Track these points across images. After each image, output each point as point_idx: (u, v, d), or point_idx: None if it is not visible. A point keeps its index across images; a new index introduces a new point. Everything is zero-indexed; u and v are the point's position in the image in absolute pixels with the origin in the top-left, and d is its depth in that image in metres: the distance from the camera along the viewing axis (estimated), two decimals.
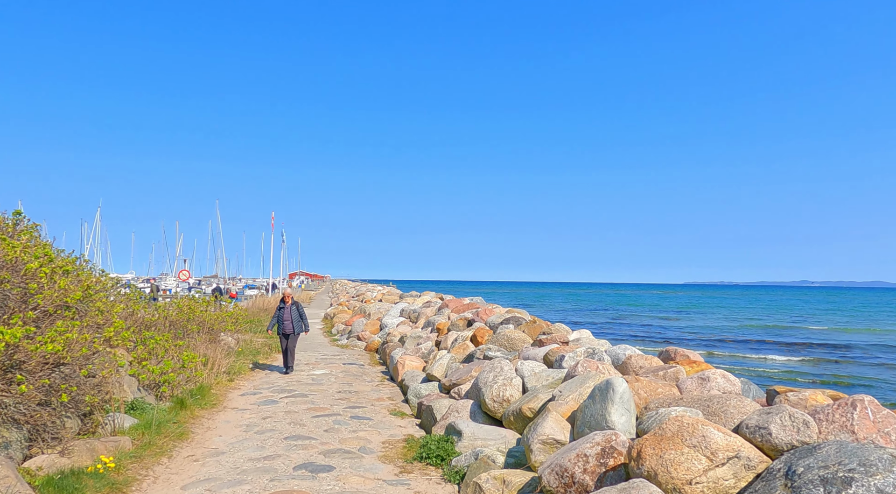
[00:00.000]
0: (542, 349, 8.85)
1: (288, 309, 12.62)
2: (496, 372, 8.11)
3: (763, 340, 34.74)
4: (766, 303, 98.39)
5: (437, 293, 22.50)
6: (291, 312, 12.58)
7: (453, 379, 9.13)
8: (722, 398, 4.77)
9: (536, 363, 8.22)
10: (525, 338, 10.62)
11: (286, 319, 12.51)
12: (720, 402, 4.71)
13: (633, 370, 7.23)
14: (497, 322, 12.31)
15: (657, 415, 4.67)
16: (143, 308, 11.19)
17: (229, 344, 14.62)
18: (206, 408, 8.99)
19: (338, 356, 15.30)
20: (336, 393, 10.41)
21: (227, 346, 14.44)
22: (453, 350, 11.09)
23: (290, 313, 12.56)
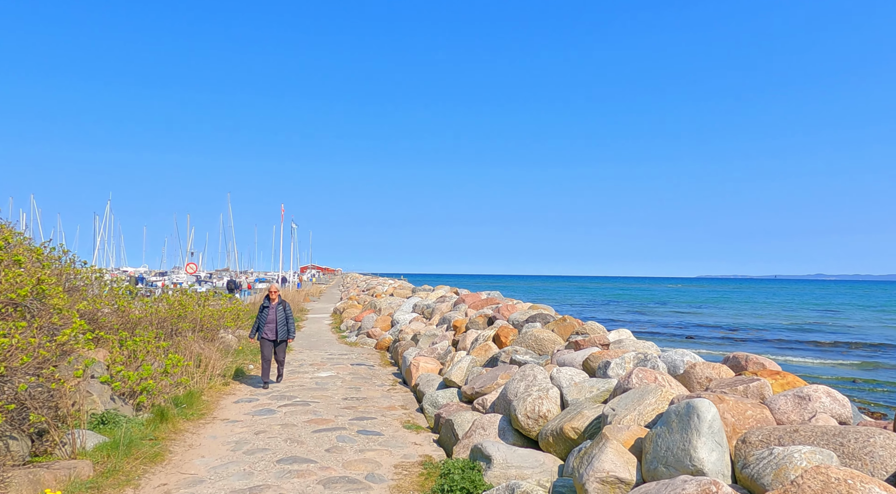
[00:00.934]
0: (580, 353, 7.59)
1: (273, 309, 10.18)
2: (528, 381, 6.87)
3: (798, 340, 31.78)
4: (785, 297, 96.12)
5: (452, 287, 21.27)
6: (277, 313, 10.18)
7: (476, 387, 7.90)
8: (859, 435, 3.48)
9: (575, 371, 6.97)
10: (555, 338, 9.36)
11: (270, 321, 10.10)
12: (859, 440, 3.43)
13: (697, 382, 5.95)
14: (521, 320, 11.05)
15: (772, 458, 3.40)
16: (129, 304, 10.06)
17: (229, 343, 13.50)
18: (193, 419, 7.83)
19: (345, 356, 14.13)
20: (342, 400, 9.22)
21: (226, 345, 13.32)
22: (474, 352, 9.86)
23: (275, 314, 10.16)
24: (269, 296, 10.30)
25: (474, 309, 14.06)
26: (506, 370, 7.88)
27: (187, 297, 11.78)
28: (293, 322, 10.40)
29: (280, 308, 10.23)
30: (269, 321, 10.10)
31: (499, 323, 11.06)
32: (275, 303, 10.26)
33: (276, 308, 10.20)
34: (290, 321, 10.32)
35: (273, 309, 10.20)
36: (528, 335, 9.54)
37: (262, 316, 10.13)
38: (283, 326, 10.22)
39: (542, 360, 8.07)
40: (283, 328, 10.23)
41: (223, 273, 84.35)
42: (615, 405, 5.41)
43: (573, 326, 9.89)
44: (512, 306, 12.62)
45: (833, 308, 64.80)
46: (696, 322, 41.95)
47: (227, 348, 13.10)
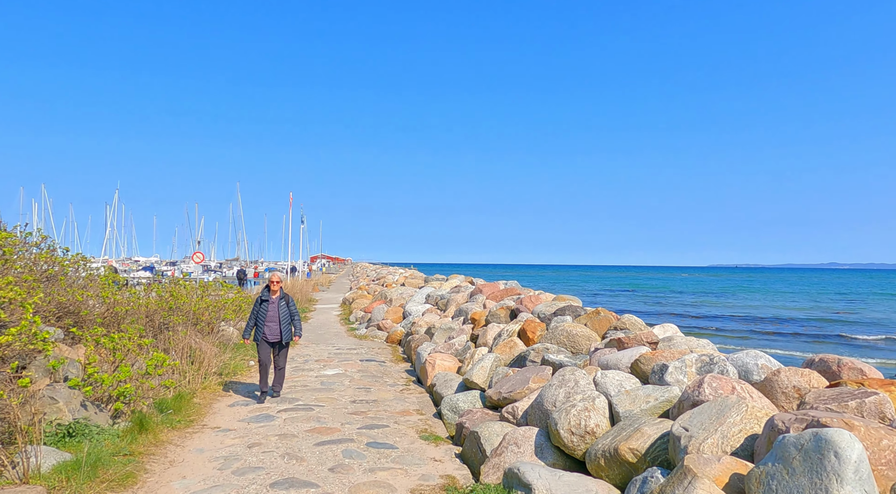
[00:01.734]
0: (626, 353, 6.49)
1: (275, 304, 8.37)
2: (569, 388, 5.79)
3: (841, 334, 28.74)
4: (803, 286, 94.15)
5: (467, 277, 20.20)
6: (280, 309, 8.36)
7: (503, 391, 6.84)
8: None
9: (624, 376, 5.88)
10: (590, 334, 8.27)
11: (271, 319, 8.30)
12: None
13: (783, 392, 4.84)
14: (548, 313, 9.96)
15: None
16: (115, 296, 9.07)
17: (229, 336, 12.53)
18: (179, 428, 6.83)
19: (354, 350, 13.13)
20: (350, 404, 8.20)
21: (226, 339, 12.36)
22: (497, 349, 8.79)
23: (277, 310, 8.36)
24: (270, 287, 8.44)
25: (493, 300, 12.99)
26: (538, 373, 6.81)
27: (180, 287, 10.78)
28: (299, 319, 8.61)
29: (283, 303, 8.43)
30: (269, 318, 8.31)
31: (523, 316, 9.98)
32: (276, 296, 8.43)
33: (279, 303, 8.40)
34: (295, 319, 8.54)
35: (274, 304, 8.38)
36: (558, 330, 8.45)
37: (261, 312, 8.34)
38: (287, 324, 8.40)
39: (578, 360, 6.99)
40: (288, 327, 8.40)
41: (233, 263, 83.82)
42: (687, 423, 4.33)
43: (609, 320, 8.79)
44: (535, 296, 11.53)
45: (855, 297, 63.02)
46: (717, 313, 40.01)
47: (226, 342, 12.14)
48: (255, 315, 8.36)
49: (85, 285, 9.26)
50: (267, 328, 8.33)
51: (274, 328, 8.35)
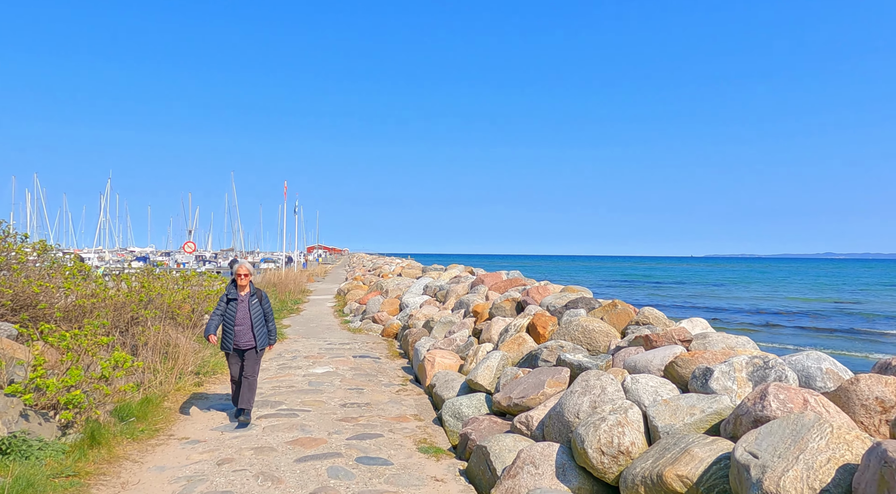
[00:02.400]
0: (656, 353, 5.60)
1: (245, 303, 6.70)
2: (594, 395, 4.91)
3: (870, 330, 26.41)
4: (805, 276, 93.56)
5: (467, 266, 19.30)
6: (251, 308, 6.71)
7: (514, 397, 5.96)
8: None
9: (658, 381, 5.00)
10: (609, 330, 7.38)
11: (240, 322, 6.63)
12: None
13: (862, 405, 3.96)
14: (559, 306, 9.06)
15: None
16: (77, 287, 8.13)
17: None
18: (141, 439, 5.94)
19: (347, 346, 12.23)
20: (339, 408, 7.31)
21: None
22: (504, 346, 7.90)
23: (248, 310, 6.68)
24: (237, 282, 6.73)
25: (497, 292, 12.10)
26: (553, 375, 5.92)
27: (154, 278, 9.83)
28: (274, 322, 6.98)
29: (255, 301, 6.77)
30: (239, 320, 6.61)
31: (532, 309, 9.08)
32: (245, 293, 6.75)
33: (250, 301, 6.72)
34: (269, 321, 6.88)
35: (244, 303, 6.69)
36: (572, 325, 7.56)
37: (227, 312, 6.65)
38: (262, 326, 6.76)
39: (599, 361, 6.10)
40: (262, 330, 6.75)
41: (229, 253, 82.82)
42: (754, 447, 3.45)
43: (628, 313, 7.90)
44: (543, 287, 10.64)
45: (862, 288, 62.34)
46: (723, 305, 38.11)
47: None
48: (217, 315, 6.70)
49: (45, 276, 8.33)
50: (237, 334, 6.60)
51: (245, 333, 6.63)
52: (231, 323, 6.64)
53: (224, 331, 6.66)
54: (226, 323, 6.66)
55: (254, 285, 6.90)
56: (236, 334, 6.64)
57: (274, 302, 20.94)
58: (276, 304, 20.36)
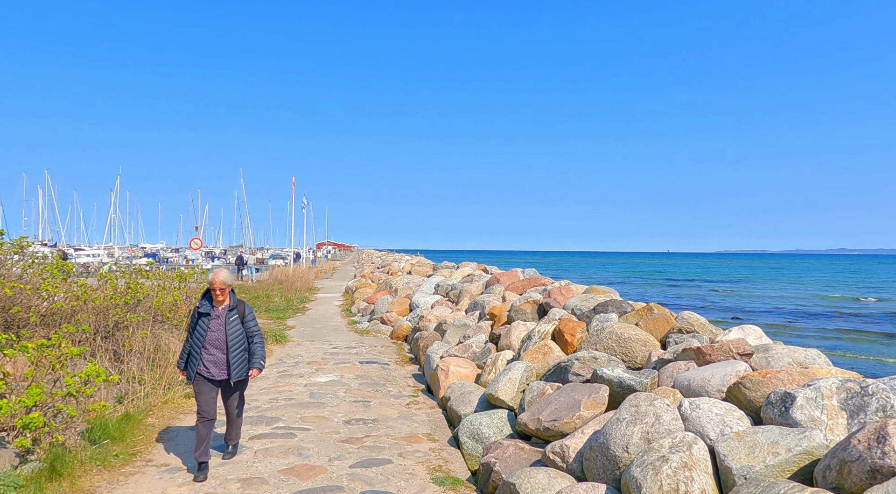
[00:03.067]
0: (713, 370, 4.73)
1: (221, 320, 5.15)
2: (647, 425, 4.06)
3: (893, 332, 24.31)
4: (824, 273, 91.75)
5: (480, 264, 18.45)
6: (229, 327, 5.13)
7: (544, 419, 5.12)
8: None
9: (724, 407, 4.15)
10: (647, 339, 6.52)
11: (214, 343, 5.13)
12: None
13: None
14: (586, 309, 8.21)
15: None
16: (55, 289, 7.38)
17: None
18: (114, 466, 5.16)
19: (353, 350, 11.44)
20: (343, 425, 6.51)
21: None
22: (527, 355, 7.06)
23: (224, 329, 5.13)
24: (210, 292, 5.16)
25: (514, 292, 11.25)
26: (590, 394, 5.07)
27: (143, 277, 9.06)
28: (262, 343, 5.36)
29: (233, 318, 5.16)
30: (211, 341, 5.09)
31: (556, 313, 8.23)
32: (224, 307, 5.18)
33: (227, 318, 5.13)
34: (254, 341, 5.30)
35: (220, 319, 5.13)
36: (604, 332, 6.71)
37: (199, 332, 5.11)
38: (241, 351, 5.17)
39: (643, 377, 5.24)
40: (241, 356, 5.16)
41: (238, 249, 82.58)
42: None
43: (667, 319, 7.04)
44: (566, 288, 9.78)
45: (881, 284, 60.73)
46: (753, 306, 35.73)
47: None
48: (191, 337, 5.15)
49: (22, 276, 7.59)
50: (207, 358, 5.08)
51: (218, 359, 5.09)
52: (199, 344, 5.07)
53: (191, 354, 5.13)
54: (194, 345, 5.11)
55: (235, 295, 5.32)
56: (205, 359, 5.08)
57: (280, 301, 20.18)
58: (281, 303, 19.63)
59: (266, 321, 15.42)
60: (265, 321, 15.63)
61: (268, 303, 19.30)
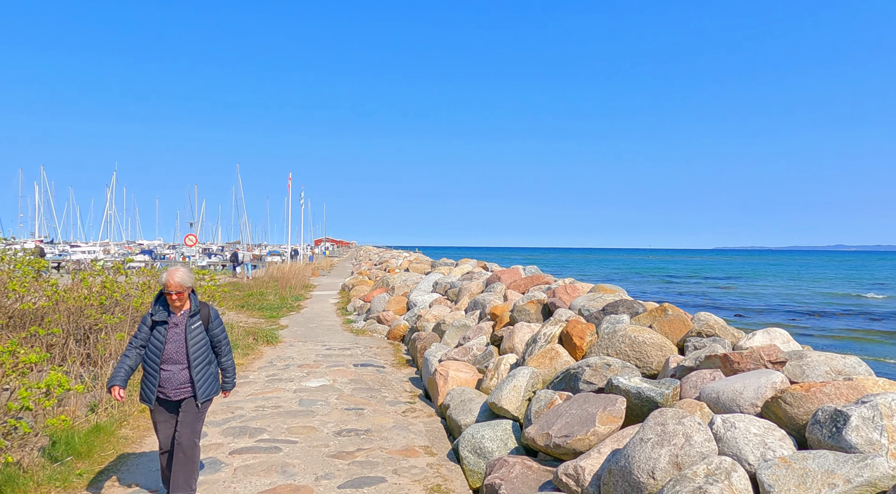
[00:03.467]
0: (745, 381, 4.22)
1: (180, 329, 4.23)
2: (676, 446, 3.55)
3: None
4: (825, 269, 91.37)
5: (480, 261, 17.93)
6: (190, 335, 4.23)
7: (554, 434, 4.61)
8: None
9: (763, 425, 3.65)
10: (663, 343, 6.01)
11: (171, 357, 4.20)
12: None
13: None
14: (594, 310, 7.69)
15: None
16: (21, 290, 6.84)
17: None
18: (73, 487, 4.63)
19: (348, 351, 10.93)
20: (333, 437, 5.99)
21: None
22: (532, 360, 6.55)
23: (184, 339, 4.22)
24: (165, 294, 4.19)
25: (516, 291, 10.74)
26: (605, 406, 4.56)
27: (121, 274, 8.52)
28: (230, 358, 4.52)
29: (196, 325, 4.27)
30: (167, 355, 4.19)
31: (562, 314, 7.71)
32: (183, 312, 4.27)
33: (187, 326, 4.24)
34: (222, 353, 4.45)
35: (179, 327, 4.23)
36: (617, 335, 6.19)
37: (152, 343, 4.21)
38: (205, 366, 4.28)
39: (664, 388, 4.73)
40: (205, 370, 4.28)
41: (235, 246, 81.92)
42: None
43: (683, 321, 6.52)
44: (571, 287, 9.26)
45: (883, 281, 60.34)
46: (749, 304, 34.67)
47: None
48: (141, 346, 4.22)
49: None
50: (165, 376, 4.16)
51: (178, 375, 4.18)
52: (156, 360, 4.16)
53: (145, 373, 4.21)
54: (148, 360, 4.20)
55: (197, 297, 4.38)
56: (163, 376, 4.17)
57: (274, 299, 19.57)
58: (275, 301, 19.07)
59: (258, 320, 14.90)
60: (258, 319, 15.11)
61: (261, 301, 18.77)
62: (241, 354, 10.02)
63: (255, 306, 17.55)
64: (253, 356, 10.09)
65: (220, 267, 46.55)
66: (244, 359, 9.77)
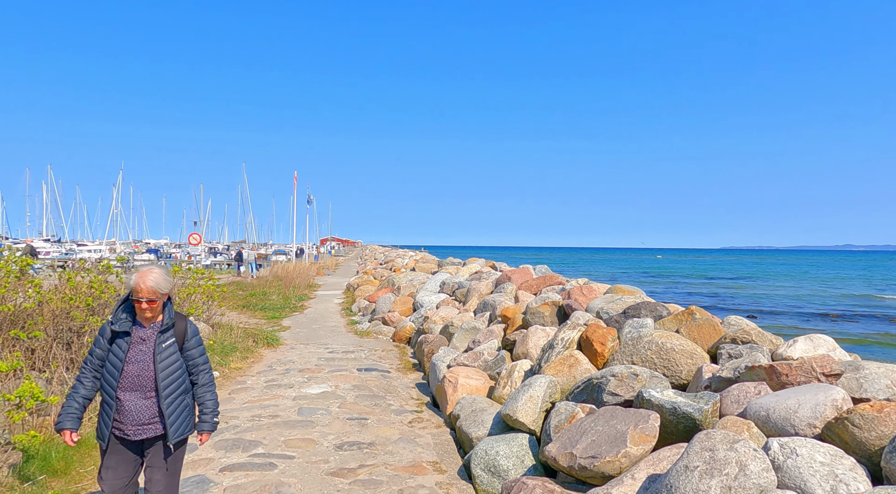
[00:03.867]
0: (799, 397, 3.72)
1: (147, 344, 3.21)
2: (729, 477, 3.10)
3: None
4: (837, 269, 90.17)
5: (488, 260, 17.44)
6: (159, 354, 3.20)
7: (579, 453, 4.12)
8: None
9: (829, 451, 3.15)
10: (693, 350, 5.50)
11: (135, 382, 3.18)
12: None
13: None
14: (613, 313, 7.19)
15: None
16: (3, 290, 6.40)
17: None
18: None
19: (352, 354, 10.46)
20: (333, 451, 5.52)
21: None
22: (549, 368, 6.05)
23: (150, 358, 3.19)
24: (137, 305, 3.15)
25: (528, 291, 10.24)
26: (637, 423, 4.07)
27: (111, 273, 8.07)
28: (212, 383, 3.46)
29: (168, 341, 3.25)
30: (126, 379, 3.18)
31: (580, 317, 7.20)
32: (153, 326, 3.26)
33: (158, 342, 3.22)
34: (202, 381, 3.40)
35: (146, 344, 3.22)
36: (642, 341, 5.69)
37: (112, 363, 3.20)
38: (177, 396, 3.27)
39: (703, 403, 4.23)
40: (178, 404, 3.28)
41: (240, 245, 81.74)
42: None
43: (713, 326, 6.00)
44: (587, 288, 8.75)
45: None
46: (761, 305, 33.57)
47: None
48: (99, 367, 3.26)
49: None
50: (125, 406, 3.20)
51: (137, 407, 3.20)
52: (112, 384, 3.18)
53: (102, 403, 3.25)
54: (104, 384, 3.23)
55: (173, 307, 3.37)
56: (123, 406, 3.18)
57: (277, 299, 19.06)
58: (278, 301, 18.58)
59: (260, 321, 14.47)
60: (259, 320, 14.68)
61: (264, 301, 18.33)
62: (239, 357, 9.57)
63: (257, 306, 17.12)
64: (252, 360, 9.64)
65: (226, 266, 46.30)
66: (243, 363, 9.31)
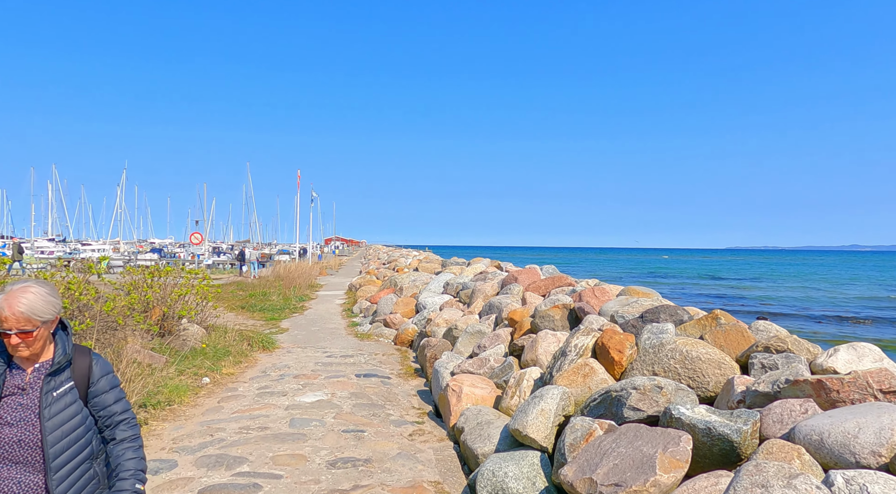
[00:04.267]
0: (858, 419, 3.22)
1: (32, 396, 2.04)
2: None
3: None
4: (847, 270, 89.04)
5: (493, 260, 16.93)
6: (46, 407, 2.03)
7: (600, 480, 3.63)
8: None
9: (885, 480, 2.62)
10: (722, 359, 4.99)
11: (7, 454, 1.98)
12: None
13: None
14: (629, 317, 6.68)
15: None
16: None
17: (186, 339, 9.44)
18: None
19: (350, 358, 9.98)
20: (326, 470, 5.04)
21: (182, 343, 9.28)
22: (562, 378, 5.55)
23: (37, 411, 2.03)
24: (5, 339, 1.97)
25: (535, 293, 9.73)
26: (666, 446, 3.57)
27: (92, 273, 7.62)
28: (135, 439, 2.22)
29: (61, 389, 2.10)
30: (2, 449, 1.99)
31: (593, 321, 6.69)
32: (37, 366, 2.09)
33: (45, 389, 2.06)
34: (122, 438, 2.20)
35: (30, 396, 2.05)
36: (664, 349, 5.19)
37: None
38: (77, 466, 2.11)
39: (741, 423, 3.73)
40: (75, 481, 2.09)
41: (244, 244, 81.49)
42: None
43: (741, 332, 5.49)
44: (600, 289, 8.25)
45: None
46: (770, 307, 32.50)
47: (181, 347, 9.07)
48: None
49: None
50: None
51: (22, 491, 2.01)
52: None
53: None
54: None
55: (71, 338, 2.23)
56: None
57: (277, 299, 18.57)
58: (279, 301, 18.10)
59: (258, 322, 14.02)
60: (257, 321, 14.22)
61: (264, 301, 17.89)
62: (232, 362, 9.10)
63: (256, 307, 16.67)
64: (246, 365, 9.17)
65: (229, 266, 45.96)
66: (235, 368, 8.84)
